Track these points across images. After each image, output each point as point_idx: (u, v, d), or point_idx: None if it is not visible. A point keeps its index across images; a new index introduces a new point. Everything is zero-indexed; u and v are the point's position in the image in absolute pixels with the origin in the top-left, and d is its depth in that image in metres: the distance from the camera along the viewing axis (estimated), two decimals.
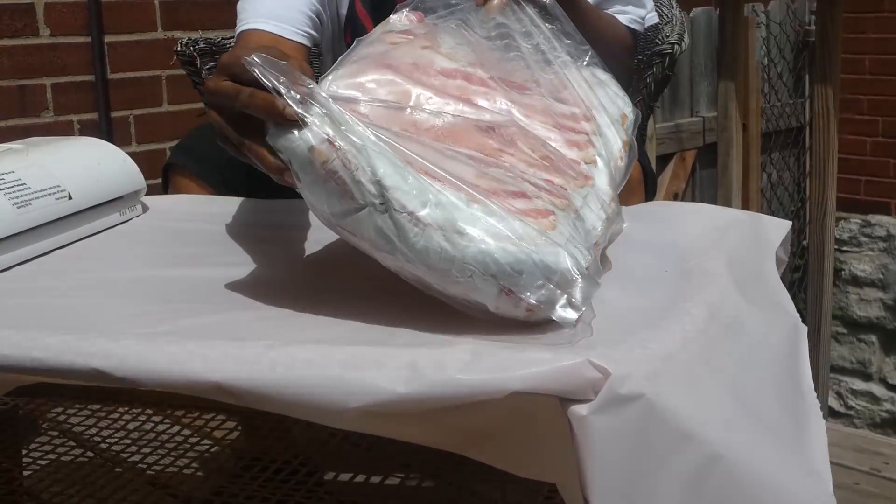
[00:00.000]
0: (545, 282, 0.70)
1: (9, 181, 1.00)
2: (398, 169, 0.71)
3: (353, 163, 0.70)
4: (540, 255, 0.70)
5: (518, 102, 0.89)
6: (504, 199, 0.74)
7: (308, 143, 0.71)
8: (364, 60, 0.85)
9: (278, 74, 0.71)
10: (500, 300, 0.70)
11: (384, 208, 0.70)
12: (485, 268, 0.69)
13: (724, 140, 2.66)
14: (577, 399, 0.63)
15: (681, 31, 1.61)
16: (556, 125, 0.89)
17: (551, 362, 0.64)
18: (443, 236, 0.69)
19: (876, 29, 3.59)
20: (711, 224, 1.00)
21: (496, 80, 0.89)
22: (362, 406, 0.64)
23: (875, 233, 3.63)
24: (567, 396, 0.63)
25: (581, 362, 0.63)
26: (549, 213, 0.75)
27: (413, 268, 0.71)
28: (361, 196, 0.70)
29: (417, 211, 0.70)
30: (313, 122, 0.71)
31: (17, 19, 2.17)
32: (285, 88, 0.71)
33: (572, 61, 0.96)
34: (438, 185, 0.71)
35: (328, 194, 0.72)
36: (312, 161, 0.71)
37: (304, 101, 0.71)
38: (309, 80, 0.72)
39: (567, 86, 0.94)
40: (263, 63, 0.71)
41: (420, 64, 0.87)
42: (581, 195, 0.82)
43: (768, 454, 0.67)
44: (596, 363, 0.63)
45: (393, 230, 0.70)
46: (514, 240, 0.70)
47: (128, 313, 0.82)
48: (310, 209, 0.75)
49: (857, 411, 3.63)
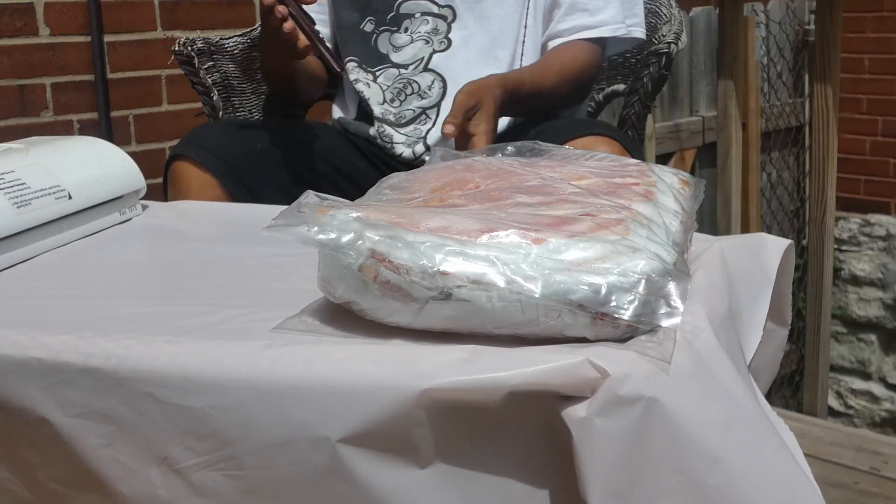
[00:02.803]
0: (635, 295, 0.66)
1: (9, 181, 1.00)
2: (442, 248, 0.68)
3: (402, 266, 0.68)
4: (620, 268, 0.67)
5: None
6: (570, 224, 0.72)
7: (356, 262, 0.69)
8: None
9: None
10: (597, 328, 0.67)
11: (445, 295, 0.67)
12: (568, 303, 0.66)
13: (724, 139, 2.66)
14: (575, 397, 0.63)
15: (678, 31, 1.61)
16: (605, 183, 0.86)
17: (550, 361, 0.64)
18: (513, 290, 0.66)
19: (875, 28, 3.59)
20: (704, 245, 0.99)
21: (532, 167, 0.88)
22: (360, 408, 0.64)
23: (875, 232, 3.63)
24: (565, 393, 0.63)
25: (581, 361, 0.63)
26: (619, 222, 0.73)
27: (501, 330, 0.68)
28: (419, 293, 0.68)
29: (480, 277, 0.67)
30: (350, 240, 0.70)
31: (16, 19, 2.17)
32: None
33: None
34: (492, 240, 0.69)
35: (391, 307, 0.70)
36: (365, 281, 0.69)
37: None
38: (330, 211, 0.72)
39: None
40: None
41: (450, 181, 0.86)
42: (648, 206, 0.79)
43: (765, 456, 0.67)
44: (595, 363, 0.63)
45: (464, 308, 0.68)
46: (590, 263, 0.67)
47: (127, 313, 0.82)
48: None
49: (856, 411, 3.63)
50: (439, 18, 1.50)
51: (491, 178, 0.85)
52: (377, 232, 0.70)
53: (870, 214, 3.65)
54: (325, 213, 0.72)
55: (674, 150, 3.28)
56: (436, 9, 1.50)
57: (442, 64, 1.49)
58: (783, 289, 0.93)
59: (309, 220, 0.71)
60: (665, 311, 0.67)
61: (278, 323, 0.74)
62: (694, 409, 0.65)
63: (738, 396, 0.68)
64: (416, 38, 1.50)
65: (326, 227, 0.70)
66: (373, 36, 1.52)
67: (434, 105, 1.49)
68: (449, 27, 1.50)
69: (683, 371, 0.66)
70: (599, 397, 0.62)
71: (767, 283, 0.89)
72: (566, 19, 1.50)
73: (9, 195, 0.99)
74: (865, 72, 3.63)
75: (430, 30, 1.50)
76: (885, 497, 1.98)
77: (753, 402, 0.70)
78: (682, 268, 0.72)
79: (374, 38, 1.51)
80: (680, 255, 0.74)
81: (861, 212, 3.67)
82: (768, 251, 0.92)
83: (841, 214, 3.52)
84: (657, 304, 0.67)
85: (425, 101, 1.49)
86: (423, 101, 1.49)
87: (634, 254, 0.68)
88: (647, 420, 0.63)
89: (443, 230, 0.70)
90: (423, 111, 1.49)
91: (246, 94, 1.68)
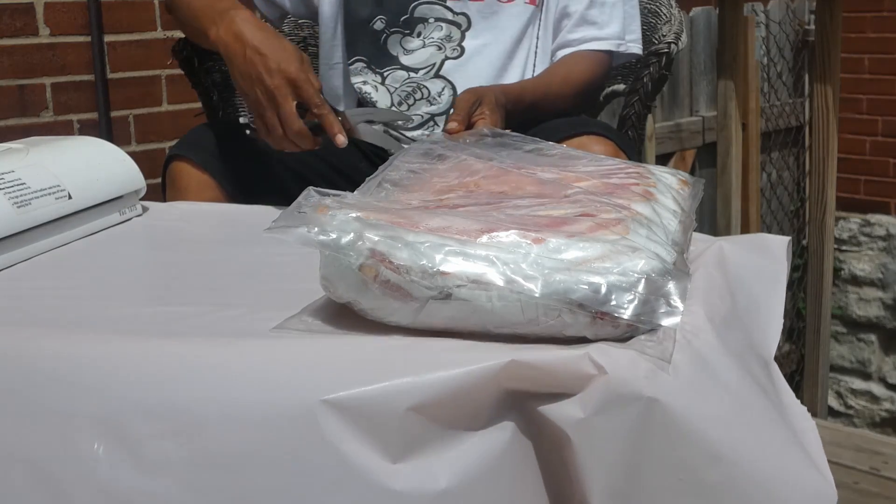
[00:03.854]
0: (635, 294, 0.66)
1: (9, 181, 1.00)
2: (442, 247, 0.68)
3: (402, 266, 0.68)
4: (620, 268, 0.67)
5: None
6: (570, 224, 0.72)
7: (356, 262, 0.69)
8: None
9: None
10: (597, 327, 0.67)
11: (445, 294, 0.68)
12: (568, 303, 0.66)
13: (724, 139, 2.66)
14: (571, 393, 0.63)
15: (678, 31, 1.61)
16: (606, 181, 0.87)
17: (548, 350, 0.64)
18: (513, 289, 0.66)
19: (875, 28, 3.59)
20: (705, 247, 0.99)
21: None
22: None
23: (875, 232, 3.63)
24: (561, 391, 0.63)
25: (581, 355, 0.64)
26: (619, 222, 0.73)
27: (501, 329, 0.68)
28: (420, 293, 0.68)
29: (480, 277, 0.67)
30: (350, 240, 0.70)
31: (16, 19, 2.17)
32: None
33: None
34: (492, 240, 0.69)
35: (391, 307, 0.70)
36: (366, 280, 0.69)
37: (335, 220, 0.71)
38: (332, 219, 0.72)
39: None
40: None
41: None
42: (647, 207, 0.79)
43: (768, 453, 0.67)
44: (595, 359, 0.63)
45: (464, 308, 0.68)
46: (589, 263, 0.67)
47: (127, 313, 0.82)
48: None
49: (856, 410, 3.63)
50: (453, 25, 1.50)
51: (491, 179, 0.85)
52: (377, 232, 0.70)
53: (870, 214, 3.65)
54: (326, 213, 0.72)
55: (674, 150, 3.28)
56: (450, 15, 1.50)
57: (454, 71, 1.49)
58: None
59: (309, 220, 0.71)
60: (665, 310, 0.67)
61: (278, 323, 0.74)
62: (694, 407, 0.65)
63: (740, 394, 0.68)
64: (428, 44, 1.49)
65: (326, 227, 0.70)
66: (382, 35, 1.51)
67: (443, 112, 1.49)
68: (463, 35, 1.50)
69: (683, 370, 0.66)
70: (598, 397, 0.62)
71: (781, 273, 0.89)
72: (576, 30, 1.52)
73: (9, 195, 0.99)
74: (865, 72, 3.63)
75: (444, 36, 1.50)
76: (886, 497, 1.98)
77: (758, 399, 0.70)
78: (682, 267, 0.72)
79: (384, 38, 1.51)
80: (679, 254, 0.74)
81: (861, 212, 3.67)
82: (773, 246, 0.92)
83: (841, 214, 3.52)
84: (657, 304, 0.67)
85: (434, 108, 1.49)
86: (431, 108, 1.49)
87: (634, 253, 0.68)
88: (647, 419, 0.63)
89: (443, 230, 0.70)
90: (432, 117, 1.49)
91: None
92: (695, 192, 0.89)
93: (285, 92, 1.20)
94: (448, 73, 1.49)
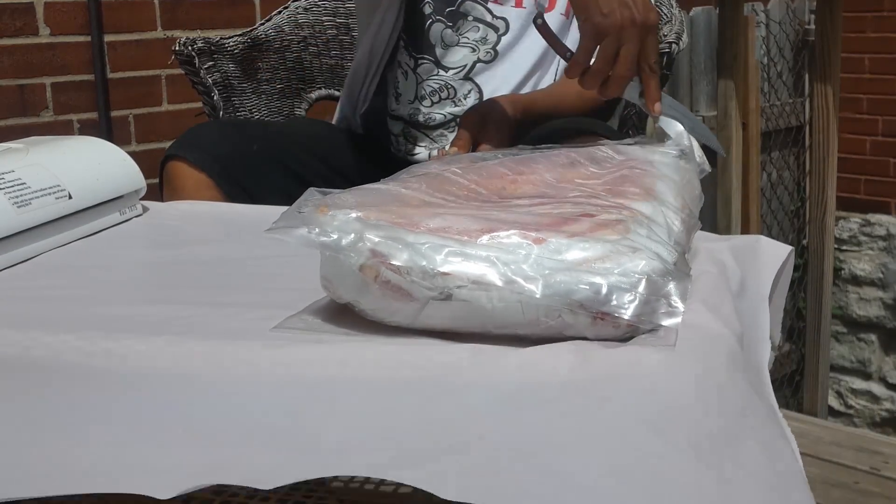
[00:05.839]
0: (636, 295, 0.66)
1: (9, 181, 1.00)
2: (442, 248, 0.68)
3: (402, 267, 0.68)
4: (621, 268, 0.67)
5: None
6: (570, 224, 0.72)
7: (357, 263, 0.69)
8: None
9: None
10: (598, 327, 0.67)
11: (445, 295, 0.67)
12: (569, 303, 0.66)
13: (724, 139, 2.66)
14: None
15: (679, 31, 1.61)
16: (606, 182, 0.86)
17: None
18: (513, 290, 0.66)
19: (875, 28, 3.59)
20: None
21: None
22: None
23: (875, 232, 3.63)
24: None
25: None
26: (619, 222, 0.73)
27: (502, 330, 0.68)
28: (420, 293, 0.68)
29: (480, 278, 0.67)
30: (351, 241, 0.69)
31: (16, 19, 2.17)
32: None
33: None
34: (492, 241, 0.69)
35: (391, 308, 0.70)
36: (366, 281, 0.69)
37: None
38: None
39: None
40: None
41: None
42: (649, 206, 0.78)
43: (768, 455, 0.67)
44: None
45: (465, 309, 0.67)
46: (590, 263, 0.67)
47: (128, 313, 0.82)
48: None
49: (856, 410, 3.63)
50: (490, 28, 1.49)
51: (491, 180, 0.85)
52: (378, 233, 0.70)
53: (870, 214, 3.65)
54: (326, 214, 0.72)
55: None
56: (490, 17, 1.50)
57: (483, 75, 1.49)
58: (776, 302, 0.93)
59: (310, 221, 0.71)
60: (665, 310, 0.67)
61: (278, 323, 0.74)
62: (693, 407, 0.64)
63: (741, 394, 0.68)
64: (463, 44, 1.49)
65: (327, 228, 0.70)
66: (428, 20, 1.50)
67: None
68: (498, 39, 1.49)
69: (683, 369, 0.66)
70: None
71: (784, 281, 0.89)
72: None
73: (9, 195, 0.99)
74: (865, 72, 3.63)
75: (479, 38, 1.49)
76: (886, 497, 1.98)
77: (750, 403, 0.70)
78: (683, 267, 0.72)
79: (428, 24, 1.50)
80: (681, 254, 0.74)
81: (861, 211, 3.67)
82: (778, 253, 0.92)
83: (841, 214, 3.52)
84: (658, 304, 0.67)
85: (458, 109, 1.48)
86: (455, 109, 1.49)
87: (635, 253, 0.68)
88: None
89: (443, 230, 0.70)
90: (454, 118, 1.49)
91: (246, 94, 1.68)
92: (700, 165, 0.91)
93: (642, 34, 1.06)
94: (477, 75, 1.49)
